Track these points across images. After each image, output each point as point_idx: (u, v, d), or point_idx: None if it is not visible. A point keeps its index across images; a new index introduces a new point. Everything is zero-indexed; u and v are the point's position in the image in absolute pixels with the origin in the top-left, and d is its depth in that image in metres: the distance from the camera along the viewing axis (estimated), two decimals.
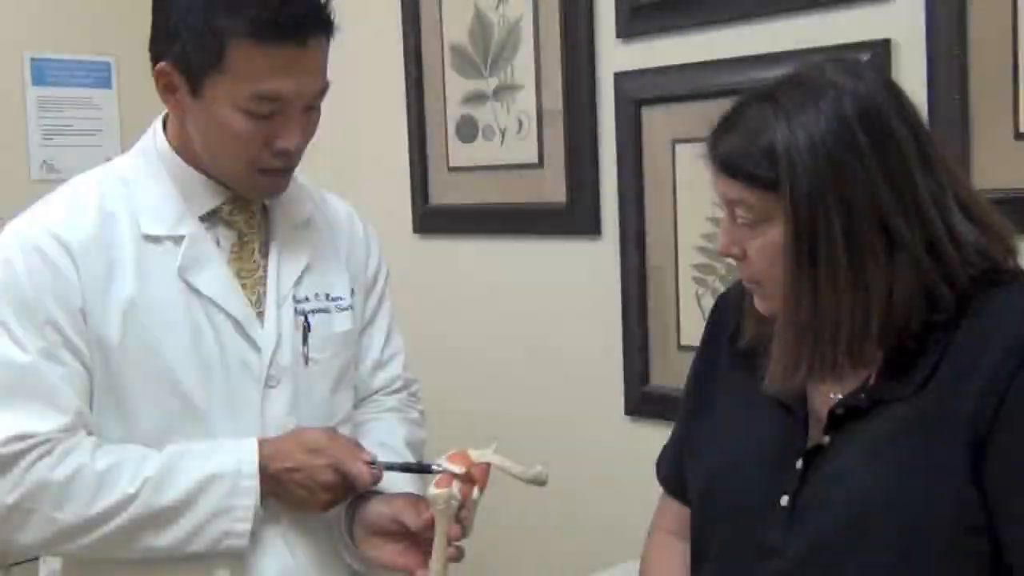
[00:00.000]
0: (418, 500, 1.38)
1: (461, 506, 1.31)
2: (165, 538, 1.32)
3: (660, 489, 1.43)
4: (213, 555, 1.34)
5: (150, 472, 1.31)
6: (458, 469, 1.29)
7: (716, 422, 1.30)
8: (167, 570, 1.34)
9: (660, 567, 1.38)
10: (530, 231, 2.33)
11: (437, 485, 1.30)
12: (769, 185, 1.11)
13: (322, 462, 1.33)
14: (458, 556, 1.34)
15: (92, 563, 1.36)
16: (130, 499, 1.30)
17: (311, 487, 1.34)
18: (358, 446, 1.38)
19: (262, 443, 1.34)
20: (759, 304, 1.21)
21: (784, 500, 1.18)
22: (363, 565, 1.43)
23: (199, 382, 1.36)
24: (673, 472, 1.39)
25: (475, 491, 1.29)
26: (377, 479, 1.36)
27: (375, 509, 1.39)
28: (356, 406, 1.56)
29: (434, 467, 1.33)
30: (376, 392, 1.59)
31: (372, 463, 1.36)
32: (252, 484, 1.32)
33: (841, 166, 1.09)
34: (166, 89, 1.34)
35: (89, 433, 1.33)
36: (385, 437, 1.52)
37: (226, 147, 1.32)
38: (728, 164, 1.14)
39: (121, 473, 1.31)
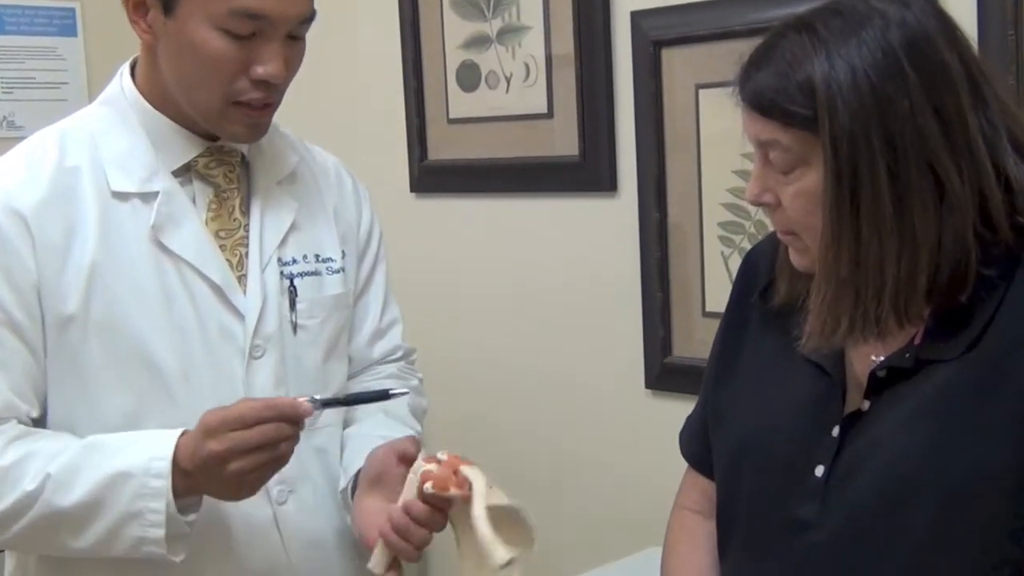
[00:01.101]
0: (409, 443, 1.36)
1: (430, 489, 1.25)
2: (82, 540, 1.31)
3: (684, 465, 1.44)
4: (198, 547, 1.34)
5: (54, 469, 1.30)
6: (443, 455, 1.28)
7: (745, 388, 1.30)
8: (147, 565, 1.35)
9: (684, 549, 1.39)
10: (539, 188, 2.33)
11: (426, 460, 1.29)
12: (806, 124, 1.11)
13: (199, 432, 1.26)
14: (408, 554, 1.29)
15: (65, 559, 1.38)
16: (31, 498, 1.30)
17: (210, 468, 1.26)
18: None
19: (184, 436, 1.30)
20: (794, 258, 1.21)
21: (819, 471, 1.18)
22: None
23: (174, 356, 1.36)
24: (698, 445, 1.40)
25: (452, 490, 1.24)
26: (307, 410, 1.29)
27: (373, 454, 1.38)
28: (351, 376, 1.57)
29: (392, 392, 1.31)
30: (374, 363, 1.61)
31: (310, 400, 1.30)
32: (162, 485, 1.28)
33: (886, 102, 1.08)
34: (136, 9, 1.33)
35: (22, 422, 1.34)
36: (387, 405, 1.53)
37: (201, 75, 1.31)
38: (760, 101, 1.14)
39: (26, 469, 1.30)
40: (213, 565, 1.37)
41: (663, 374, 2.17)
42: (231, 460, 1.25)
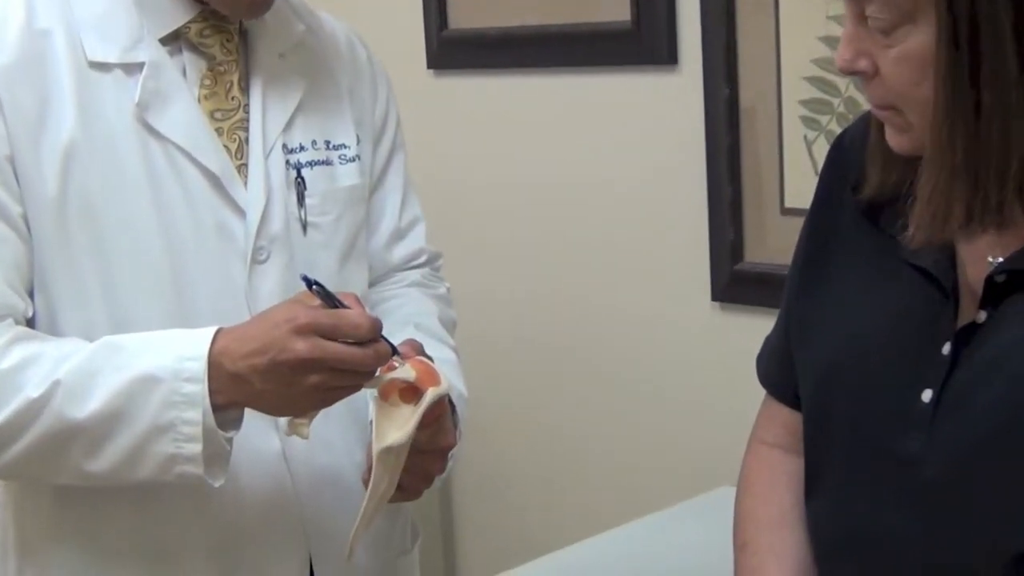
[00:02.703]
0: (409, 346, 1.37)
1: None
2: (99, 462, 1.32)
3: (761, 392, 1.46)
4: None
5: (63, 373, 1.31)
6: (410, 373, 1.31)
7: (835, 298, 1.31)
8: (160, 496, 1.39)
9: (763, 489, 1.41)
10: (582, 62, 2.32)
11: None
12: None
13: (285, 329, 1.26)
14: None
15: (81, 491, 1.40)
16: (36, 407, 1.31)
17: (282, 373, 1.26)
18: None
19: (221, 333, 1.31)
20: (892, 138, 1.21)
21: (927, 396, 1.19)
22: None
23: (163, 256, 1.39)
24: (778, 368, 1.41)
25: (429, 392, 1.30)
26: (375, 324, 1.29)
27: None
28: (370, 285, 1.59)
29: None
30: (395, 268, 1.63)
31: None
32: (196, 390, 1.29)
33: None
34: None
35: (18, 323, 1.36)
36: (416, 315, 1.55)
37: None
38: None
39: (30, 374, 1.32)
40: (220, 495, 1.39)
41: (733, 284, 2.18)
42: (315, 372, 1.27)
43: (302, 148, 1.47)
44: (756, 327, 1.51)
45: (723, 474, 1.93)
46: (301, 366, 1.26)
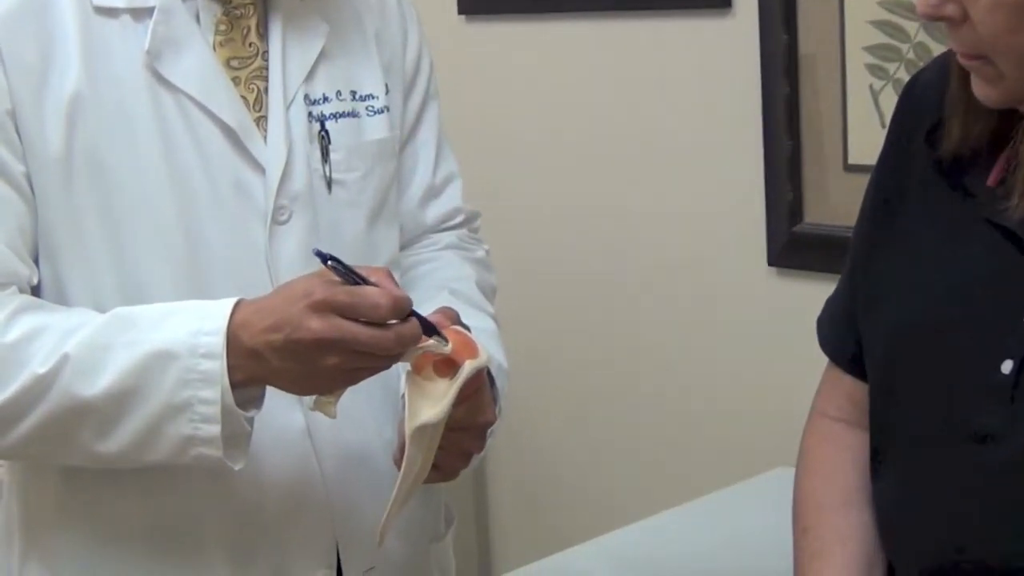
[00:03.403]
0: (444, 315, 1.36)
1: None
2: (110, 443, 1.33)
3: (823, 360, 1.45)
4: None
5: (72, 347, 1.31)
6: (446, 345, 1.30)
7: (906, 259, 1.30)
8: (174, 477, 1.39)
9: (825, 467, 1.41)
10: (627, 5, 2.31)
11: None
12: None
13: (301, 306, 1.25)
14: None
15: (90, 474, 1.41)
16: (43, 384, 1.31)
17: (298, 352, 1.26)
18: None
19: (241, 305, 1.32)
20: (983, 90, 1.20)
21: (1007, 367, 1.19)
22: None
23: (176, 217, 1.39)
24: (842, 335, 1.40)
25: (466, 365, 1.30)
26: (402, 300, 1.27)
27: None
28: (402, 248, 1.59)
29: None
30: (429, 229, 1.63)
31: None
32: (214, 367, 1.29)
33: None
34: None
35: (22, 291, 1.37)
36: (451, 280, 1.55)
37: None
38: None
39: (36, 347, 1.32)
40: (240, 476, 1.39)
41: (791, 247, 2.18)
42: (332, 353, 1.26)
43: (326, 99, 1.47)
44: (816, 295, 1.50)
45: (779, 454, 1.94)
46: (317, 346, 1.25)
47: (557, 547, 1.93)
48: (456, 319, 1.37)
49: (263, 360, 1.29)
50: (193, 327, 1.30)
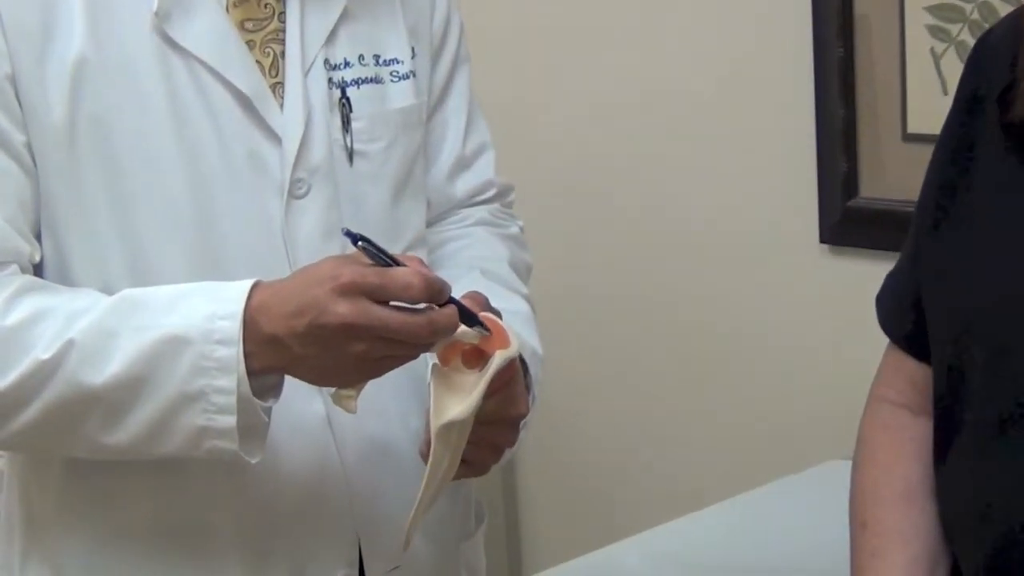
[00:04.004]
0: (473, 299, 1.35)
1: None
2: (119, 434, 1.33)
3: (880, 343, 1.45)
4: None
5: (77, 332, 1.31)
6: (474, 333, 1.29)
7: (975, 234, 1.29)
8: (184, 469, 1.39)
9: (885, 458, 1.41)
10: None
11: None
12: None
13: (327, 288, 1.25)
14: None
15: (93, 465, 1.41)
16: (47, 370, 1.31)
17: (323, 338, 1.26)
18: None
19: (259, 288, 1.31)
20: None
21: None
22: None
23: (186, 190, 1.38)
24: (904, 314, 1.40)
25: (496, 356, 1.28)
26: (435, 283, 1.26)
27: None
28: (428, 224, 1.58)
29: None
30: (459, 204, 1.62)
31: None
32: (231, 354, 1.29)
33: None
34: None
35: (24, 270, 1.37)
36: (482, 259, 1.54)
37: None
38: None
39: (40, 331, 1.32)
40: (254, 472, 1.39)
41: (845, 223, 2.18)
42: (360, 339, 1.26)
43: (347, 64, 1.46)
44: (872, 274, 1.50)
45: (834, 445, 1.93)
46: (344, 331, 1.25)
47: (593, 545, 1.93)
48: (485, 304, 1.36)
49: (283, 347, 1.28)
50: (207, 311, 1.30)
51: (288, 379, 1.35)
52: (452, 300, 1.27)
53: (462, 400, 1.28)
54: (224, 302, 1.30)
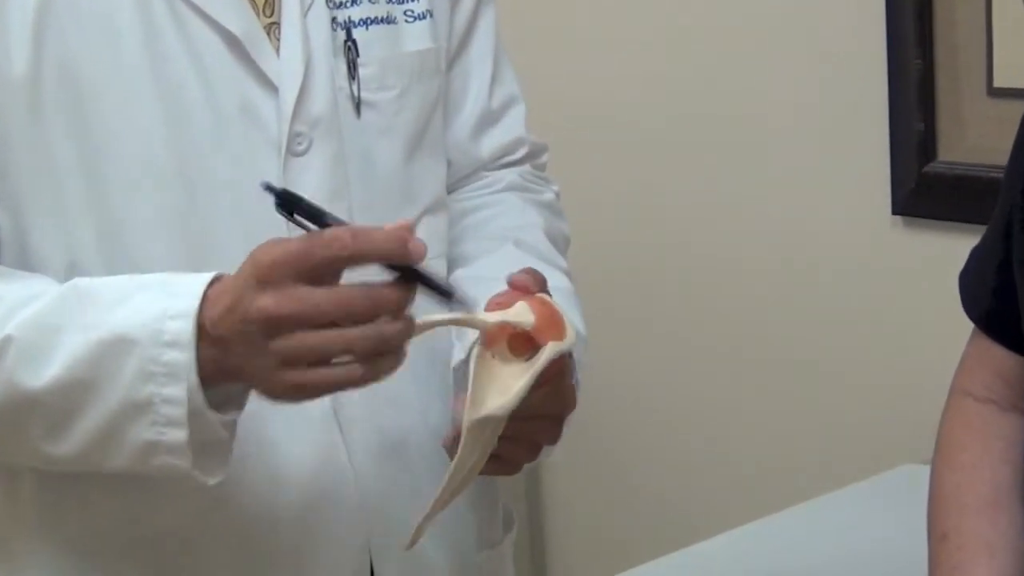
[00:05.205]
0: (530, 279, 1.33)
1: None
2: (63, 444, 1.33)
3: (963, 329, 1.45)
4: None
5: (16, 327, 1.31)
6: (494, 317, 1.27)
7: None
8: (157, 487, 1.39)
9: (970, 460, 1.41)
10: None
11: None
12: None
13: (246, 275, 1.23)
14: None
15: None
16: None
17: (249, 336, 1.23)
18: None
19: (219, 282, 1.28)
20: None
21: None
22: None
23: (167, 149, 1.38)
24: (992, 296, 1.40)
25: (548, 348, 1.26)
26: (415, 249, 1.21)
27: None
28: (450, 188, 1.59)
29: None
30: (484, 166, 1.62)
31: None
32: (181, 359, 1.27)
33: None
34: None
35: None
36: (515, 227, 1.54)
37: None
38: None
39: None
40: (249, 472, 1.40)
41: (921, 192, 2.18)
42: (284, 334, 1.22)
43: (354, 1, 1.46)
44: (952, 250, 1.51)
45: (907, 448, 1.93)
46: (268, 326, 1.21)
47: (632, 560, 1.92)
48: (543, 285, 1.34)
49: (228, 350, 1.26)
50: (158, 308, 1.28)
51: None
52: (415, 272, 1.22)
53: (503, 393, 1.27)
54: (177, 298, 1.28)
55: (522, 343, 1.28)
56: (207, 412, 1.28)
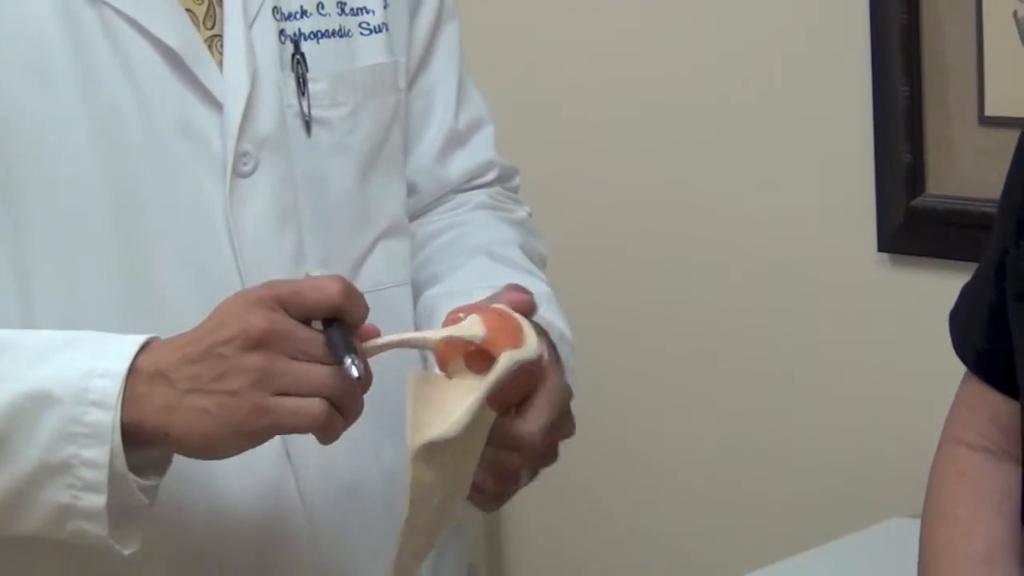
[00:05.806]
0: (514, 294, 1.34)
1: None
2: None
3: (954, 372, 1.45)
4: None
5: None
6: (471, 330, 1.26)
7: None
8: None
9: (963, 513, 1.42)
10: None
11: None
12: None
13: (244, 300, 1.27)
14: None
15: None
16: None
17: (218, 352, 1.26)
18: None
19: (153, 345, 1.30)
20: None
21: None
22: None
23: (102, 175, 1.37)
24: (984, 338, 1.41)
25: (502, 358, 1.25)
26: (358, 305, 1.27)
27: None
28: (415, 215, 1.59)
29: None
30: (454, 189, 1.63)
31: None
32: (104, 419, 1.27)
33: None
34: None
35: None
36: (487, 242, 1.55)
37: None
38: None
39: None
40: (195, 519, 1.40)
41: (909, 227, 2.18)
42: (264, 352, 1.25)
43: (304, 13, 1.46)
44: (941, 288, 1.52)
45: (898, 500, 1.93)
46: (254, 340, 1.25)
47: None
48: (531, 306, 1.34)
49: (165, 385, 1.27)
50: (84, 367, 1.28)
51: None
52: (334, 322, 1.26)
53: (448, 414, 1.25)
54: (106, 358, 1.28)
55: (481, 359, 1.26)
56: (128, 476, 1.28)
